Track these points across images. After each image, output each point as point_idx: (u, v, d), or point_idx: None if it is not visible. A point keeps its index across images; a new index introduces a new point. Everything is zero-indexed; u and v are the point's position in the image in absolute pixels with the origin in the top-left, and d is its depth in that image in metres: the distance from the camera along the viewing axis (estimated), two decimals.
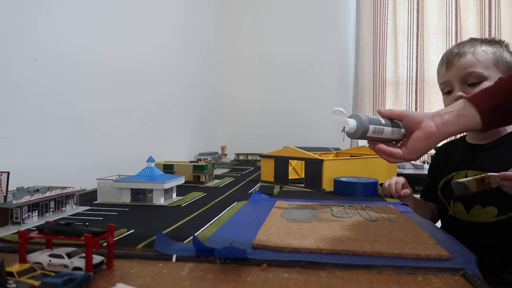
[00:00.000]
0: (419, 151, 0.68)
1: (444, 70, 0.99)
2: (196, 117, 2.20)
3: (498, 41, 0.99)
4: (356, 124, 0.68)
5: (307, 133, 2.58)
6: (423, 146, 0.68)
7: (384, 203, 0.87)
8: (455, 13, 2.36)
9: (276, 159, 1.24)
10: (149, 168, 0.91)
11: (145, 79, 1.55)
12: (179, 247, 0.52)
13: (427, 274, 0.43)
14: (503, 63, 0.94)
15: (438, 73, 1.04)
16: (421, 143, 0.67)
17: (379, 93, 2.49)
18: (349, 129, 0.68)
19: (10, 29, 0.88)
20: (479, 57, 0.94)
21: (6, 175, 0.63)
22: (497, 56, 0.94)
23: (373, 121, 0.69)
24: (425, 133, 0.67)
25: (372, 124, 0.69)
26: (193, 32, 2.16)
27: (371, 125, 0.68)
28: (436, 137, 0.67)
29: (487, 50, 0.95)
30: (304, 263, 0.46)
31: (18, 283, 0.35)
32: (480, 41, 0.98)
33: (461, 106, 0.67)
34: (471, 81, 0.94)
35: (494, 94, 0.66)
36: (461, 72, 0.94)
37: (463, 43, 0.99)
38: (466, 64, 0.94)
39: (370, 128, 0.68)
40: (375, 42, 2.48)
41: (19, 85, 0.91)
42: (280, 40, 2.65)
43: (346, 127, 0.68)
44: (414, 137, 0.68)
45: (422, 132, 0.67)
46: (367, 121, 0.68)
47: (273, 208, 0.80)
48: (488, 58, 0.94)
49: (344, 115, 0.68)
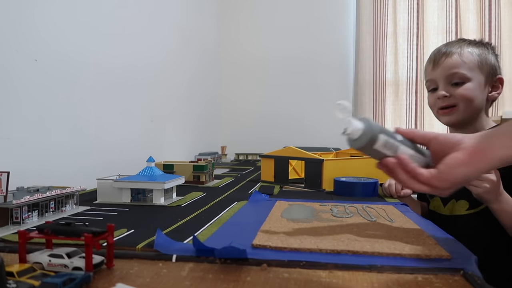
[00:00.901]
0: (455, 178, 0.49)
1: (431, 68, 1.03)
2: (196, 117, 2.20)
3: (485, 43, 1.04)
4: (363, 129, 0.50)
5: (307, 133, 2.57)
6: (462, 173, 0.49)
7: (384, 203, 0.87)
8: (455, 13, 2.36)
9: (276, 159, 1.24)
10: (149, 168, 0.91)
11: (145, 79, 1.55)
12: (179, 247, 0.52)
13: (427, 274, 0.43)
14: (487, 66, 0.99)
15: (425, 70, 1.08)
16: (460, 168, 0.49)
17: (379, 93, 2.49)
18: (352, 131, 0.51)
19: (10, 29, 0.88)
20: (464, 58, 0.98)
21: (6, 175, 0.63)
22: (482, 58, 0.99)
23: (387, 131, 0.52)
24: (467, 155, 0.49)
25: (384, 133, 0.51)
26: (193, 31, 2.16)
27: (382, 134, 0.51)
28: (484, 163, 0.48)
29: (473, 51, 0.99)
30: (304, 263, 0.46)
31: (18, 283, 0.35)
32: (468, 42, 1.02)
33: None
34: (454, 80, 0.99)
35: None
36: (446, 72, 0.99)
37: (451, 43, 1.04)
38: (452, 64, 0.98)
39: (381, 139, 0.51)
40: (375, 42, 2.48)
41: (19, 85, 0.91)
42: (280, 40, 2.65)
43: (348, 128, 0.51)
44: (450, 157, 0.50)
45: (462, 153, 0.49)
46: (378, 128, 0.51)
47: (273, 208, 0.80)
48: (472, 60, 0.98)
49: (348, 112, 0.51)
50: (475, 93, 0.98)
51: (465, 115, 0.99)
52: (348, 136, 0.52)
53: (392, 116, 2.49)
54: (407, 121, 2.44)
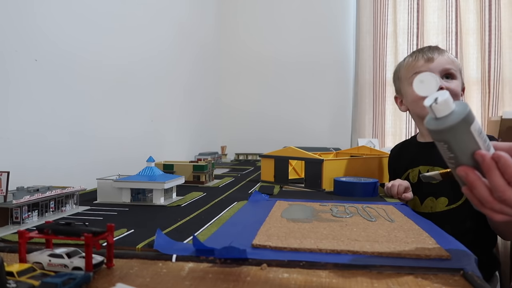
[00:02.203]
0: None
1: (424, 61, 1.07)
2: (196, 117, 2.20)
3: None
4: (455, 108, 0.41)
5: (307, 133, 2.58)
6: None
7: (384, 203, 0.87)
8: (455, 13, 2.36)
9: (276, 159, 1.24)
10: (149, 168, 0.91)
11: (145, 79, 1.55)
12: (179, 247, 0.52)
13: (427, 274, 0.43)
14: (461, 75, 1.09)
15: (411, 65, 1.10)
16: None
17: (379, 93, 2.49)
18: (443, 102, 0.40)
19: (10, 29, 0.88)
20: (453, 59, 1.08)
21: (6, 175, 0.63)
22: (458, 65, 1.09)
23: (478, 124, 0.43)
24: None
25: (476, 124, 0.42)
26: (193, 31, 2.16)
27: (475, 122, 0.41)
28: None
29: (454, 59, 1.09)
30: (304, 263, 0.46)
31: (18, 283, 0.35)
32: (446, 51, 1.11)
33: None
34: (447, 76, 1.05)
35: None
36: (441, 66, 1.05)
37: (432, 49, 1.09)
38: (446, 61, 1.06)
39: (475, 126, 0.41)
40: (375, 42, 2.48)
41: (19, 85, 0.91)
42: (280, 40, 2.65)
43: (439, 98, 0.40)
44: None
45: None
46: (471, 113, 0.41)
47: (273, 208, 0.80)
48: (457, 64, 1.09)
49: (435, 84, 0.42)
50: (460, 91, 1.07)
51: None
52: (436, 109, 0.41)
53: (392, 116, 2.49)
54: (407, 121, 2.44)
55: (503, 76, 2.27)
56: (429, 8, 2.43)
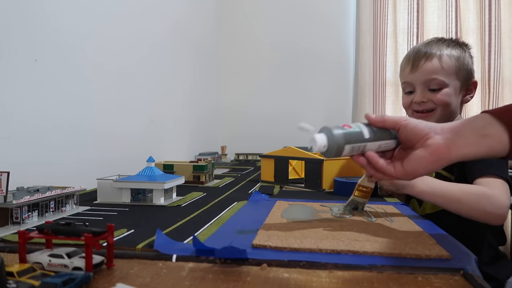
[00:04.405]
0: (419, 174, 0.56)
1: (409, 70, 1.03)
2: (196, 117, 2.20)
3: (463, 44, 1.05)
4: (328, 144, 0.55)
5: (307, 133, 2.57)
6: (426, 168, 0.54)
7: (384, 203, 0.87)
8: (455, 13, 2.36)
9: (276, 159, 1.24)
10: (149, 168, 0.91)
11: (145, 78, 1.55)
12: (179, 247, 0.52)
13: (427, 274, 0.43)
14: (464, 71, 1.01)
15: (402, 71, 1.08)
16: (424, 165, 0.54)
17: (379, 93, 2.48)
18: (318, 149, 0.55)
19: (10, 29, 0.88)
20: (444, 63, 0.99)
21: (6, 175, 0.63)
22: (460, 63, 1.00)
23: (351, 137, 0.56)
24: (432, 154, 0.52)
25: (350, 143, 0.55)
26: (193, 31, 2.16)
27: (347, 145, 0.55)
28: (446, 160, 0.52)
29: (451, 55, 1.00)
30: (304, 263, 0.46)
31: (18, 283, 0.35)
32: (447, 44, 1.02)
33: (483, 122, 0.51)
34: (432, 86, 0.99)
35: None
36: (424, 77, 0.99)
37: (430, 44, 1.04)
38: (431, 69, 0.99)
39: (346, 148, 0.56)
40: (375, 42, 2.48)
41: (19, 85, 0.91)
42: (280, 40, 2.65)
43: (314, 146, 0.55)
44: (415, 156, 0.54)
45: (428, 151, 0.53)
46: (342, 138, 0.55)
47: (273, 208, 0.80)
48: (451, 65, 0.99)
49: (310, 132, 0.56)
50: (451, 98, 1.00)
51: (441, 119, 1.00)
52: (316, 152, 0.57)
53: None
54: None
55: (503, 76, 2.27)
56: (429, 8, 2.43)
